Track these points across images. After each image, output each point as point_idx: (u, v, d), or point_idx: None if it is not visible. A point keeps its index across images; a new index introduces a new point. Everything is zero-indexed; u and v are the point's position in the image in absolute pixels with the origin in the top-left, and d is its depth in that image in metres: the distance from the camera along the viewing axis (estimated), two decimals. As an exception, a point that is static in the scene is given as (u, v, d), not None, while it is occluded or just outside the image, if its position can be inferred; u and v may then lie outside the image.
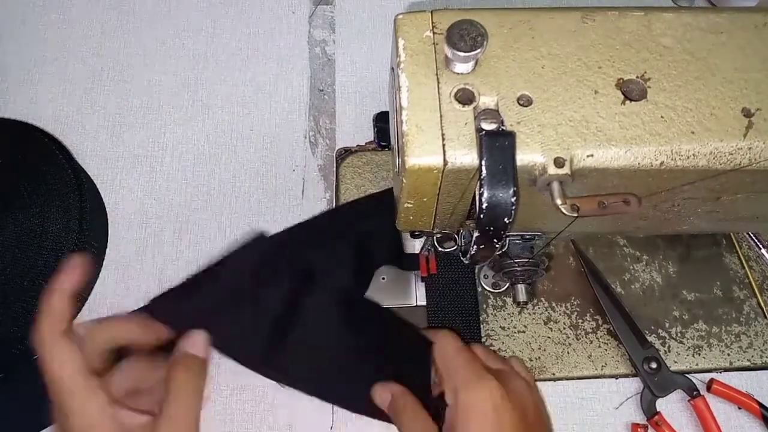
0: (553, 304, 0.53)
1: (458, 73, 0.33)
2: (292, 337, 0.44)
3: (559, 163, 0.32)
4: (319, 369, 0.46)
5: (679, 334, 0.52)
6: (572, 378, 0.51)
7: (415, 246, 0.52)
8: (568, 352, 0.52)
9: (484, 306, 0.53)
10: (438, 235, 0.45)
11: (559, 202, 0.32)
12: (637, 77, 0.34)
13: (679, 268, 0.55)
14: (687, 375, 0.50)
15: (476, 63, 0.33)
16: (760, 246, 0.55)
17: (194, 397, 0.37)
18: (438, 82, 0.33)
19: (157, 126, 0.59)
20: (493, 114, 0.32)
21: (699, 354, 0.52)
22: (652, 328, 0.53)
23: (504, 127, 0.32)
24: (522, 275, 0.47)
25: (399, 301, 0.53)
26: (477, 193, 0.32)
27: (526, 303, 0.51)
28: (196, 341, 0.39)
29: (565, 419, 0.50)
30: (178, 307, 0.42)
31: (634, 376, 0.51)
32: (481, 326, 0.52)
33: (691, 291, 0.54)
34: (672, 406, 0.50)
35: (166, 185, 0.57)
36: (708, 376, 0.51)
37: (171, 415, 0.36)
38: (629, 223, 0.44)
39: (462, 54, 0.31)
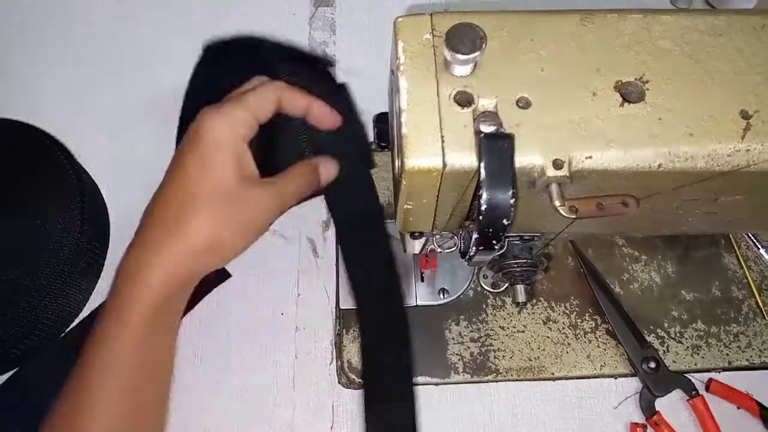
0: (553, 304, 0.54)
1: (457, 76, 0.33)
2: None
3: (557, 165, 0.32)
4: None
5: (678, 334, 0.53)
6: (571, 377, 0.52)
7: (414, 247, 0.52)
8: (567, 352, 0.52)
9: (484, 306, 0.53)
10: (437, 236, 0.46)
11: (557, 203, 0.32)
12: (636, 79, 0.34)
13: (678, 269, 0.55)
14: (686, 375, 0.51)
15: (475, 65, 0.33)
16: (759, 246, 0.55)
17: (300, 192, 0.44)
18: (437, 85, 0.33)
19: (157, 126, 0.59)
20: (492, 116, 0.32)
21: (698, 354, 0.52)
22: (651, 328, 0.53)
23: (503, 129, 0.32)
24: (521, 276, 0.47)
25: (399, 301, 0.53)
26: (476, 194, 0.32)
27: (525, 303, 0.51)
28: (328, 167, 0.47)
29: (565, 419, 0.51)
30: None
31: (633, 375, 0.51)
32: (480, 326, 0.52)
33: (690, 291, 0.54)
34: (671, 406, 0.51)
35: (167, 185, 0.57)
36: (707, 375, 0.52)
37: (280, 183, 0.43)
38: (628, 224, 0.44)
39: (461, 57, 0.31)
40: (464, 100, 0.33)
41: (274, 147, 0.48)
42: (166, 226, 0.41)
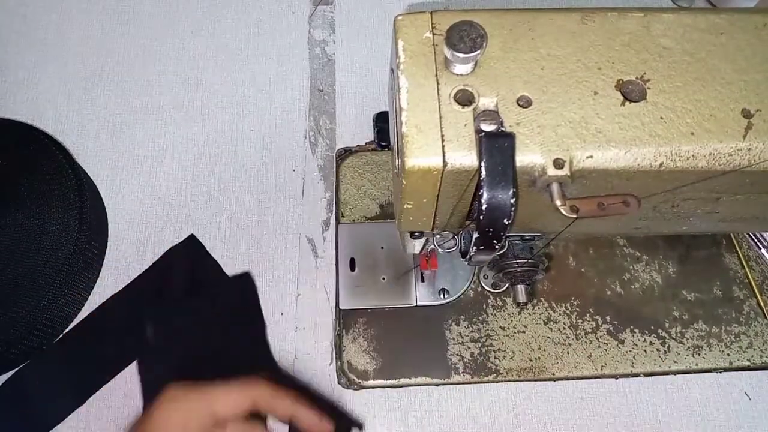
0: (553, 305, 0.53)
1: (458, 74, 0.33)
2: None
3: (558, 164, 0.32)
4: None
5: (678, 334, 0.53)
6: (572, 378, 0.51)
7: (414, 247, 0.52)
8: (567, 352, 0.52)
9: (484, 306, 0.53)
10: (437, 236, 0.45)
11: (558, 203, 0.31)
12: (637, 78, 0.34)
13: (679, 268, 0.55)
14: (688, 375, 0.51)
15: (476, 64, 0.33)
16: (760, 246, 0.55)
17: None
18: (437, 84, 0.33)
19: (157, 126, 0.59)
20: (493, 115, 0.32)
21: (699, 354, 0.52)
22: (652, 328, 0.53)
23: (503, 128, 0.32)
24: (522, 276, 0.47)
25: (398, 302, 0.53)
26: (476, 194, 0.31)
27: (525, 303, 0.51)
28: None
29: (565, 419, 0.50)
30: None
31: (635, 376, 0.51)
32: (481, 326, 0.52)
33: (691, 291, 0.54)
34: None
35: (166, 185, 0.57)
36: (707, 376, 0.51)
37: None
38: (629, 224, 0.44)
39: (461, 55, 0.31)
40: (464, 98, 0.33)
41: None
42: None
